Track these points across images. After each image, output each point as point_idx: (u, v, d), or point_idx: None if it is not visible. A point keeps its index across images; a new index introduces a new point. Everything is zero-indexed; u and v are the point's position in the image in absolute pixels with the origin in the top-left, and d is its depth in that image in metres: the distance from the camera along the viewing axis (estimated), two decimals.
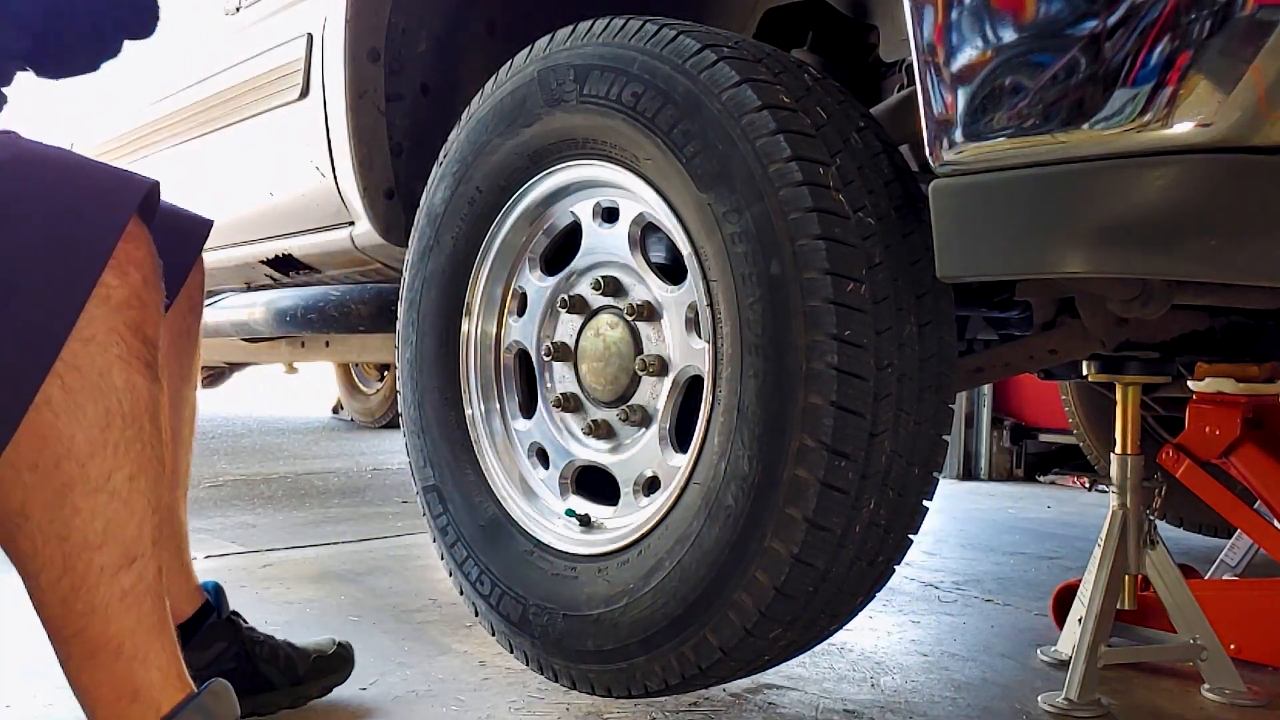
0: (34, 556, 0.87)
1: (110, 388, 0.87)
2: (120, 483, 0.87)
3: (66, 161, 0.93)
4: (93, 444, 0.86)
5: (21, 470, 0.85)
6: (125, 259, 0.89)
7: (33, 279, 0.85)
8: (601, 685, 1.42)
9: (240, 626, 1.49)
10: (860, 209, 1.22)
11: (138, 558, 0.88)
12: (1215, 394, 1.98)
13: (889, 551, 1.31)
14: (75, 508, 0.85)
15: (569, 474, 1.57)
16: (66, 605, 0.87)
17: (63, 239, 0.86)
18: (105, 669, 0.88)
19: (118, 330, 0.88)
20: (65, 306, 0.85)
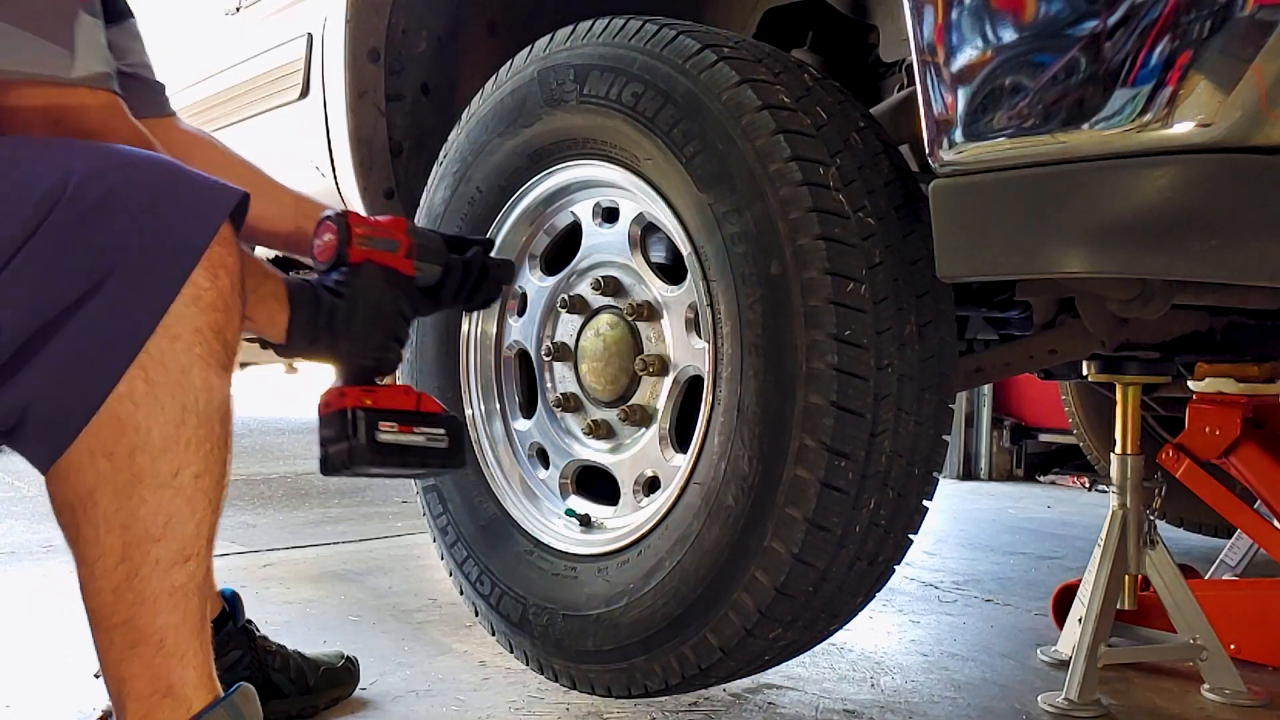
0: (95, 543, 0.88)
1: (189, 385, 0.89)
2: (187, 480, 0.89)
3: (167, 163, 0.95)
4: (167, 439, 0.88)
5: (97, 457, 0.87)
6: (217, 262, 0.91)
7: (128, 269, 0.87)
8: (601, 685, 1.42)
9: (254, 635, 1.52)
10: (860, 209, 1.22)
11: (192, 556, 0.90)
12: (1215, 394, 1.98)
13: (889, 551, 1.31)
14: (142, 499, 0.87)
15: (569, 474, 1.57)
16: (118, 594, 0.89)
17: (160, 234, 0.88)
18: (144, 662, 0.89)
19: (202, 331, 0.90)
20: (155, 299, 0.88)
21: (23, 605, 2.14)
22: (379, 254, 1.21)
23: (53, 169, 0.88)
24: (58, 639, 1.81)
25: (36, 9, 0.98)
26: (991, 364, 1.80)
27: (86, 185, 0.87)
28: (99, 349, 0.86)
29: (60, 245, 0.86)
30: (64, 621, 1.96)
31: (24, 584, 2.37)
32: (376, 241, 1.21)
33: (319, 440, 1.20)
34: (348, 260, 1.19)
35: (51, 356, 0.86)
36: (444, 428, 1.23)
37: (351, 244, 1.19)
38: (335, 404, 1.18)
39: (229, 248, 0.93)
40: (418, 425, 1.21)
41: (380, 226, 1.23)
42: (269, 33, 2.22)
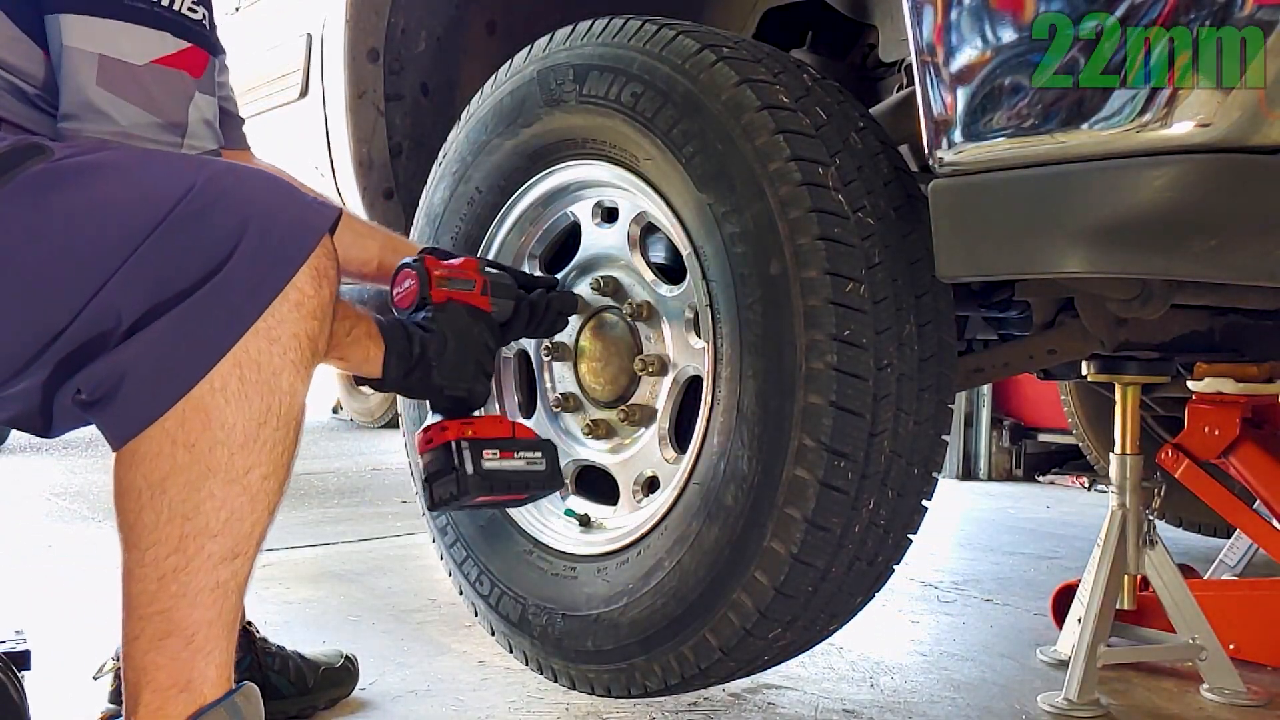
0: (153, 529, 0.90)
1: (278, 388, 0.92)
2: (255, 479, 0.92)
3: (278, 179, 1.01)
4: (248, 436, 0.90)
5: (178, 446, 0.89)
6: (322, 272, 0.95)
7: (237, 267, 0.90)
8: (601, 685, 1.42)
9: (254, 636, 1.53)
10: (860, 209, 1.22)
11: (240, 555, 0.92)
12: (1215, 394, 1.98)
13: (888, 551, 1.31)
14: (210, 493, 0.89)
15: (568, 474, 1.57)
16: (162, 583, 0.90)
17: (268, 238, 0.92)
18: (171, 654, 0.91)
19: (299, 336, 0.93)
20: (258, 298, 0.91)
21: (23, 605, 2.14)
22: (459, 293, 1.28)
23: (182, 172, 0.94)
24: (58, 639, 1.81)
25: (158, 93, 1.04)
26: (991, 364, 1.80)
27: (208, 186, 0.92)
28: (196, 338, 0.89)
29: (178, 238, 0.90)
30: (64, 622, 1.96)
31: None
32: (455, 282, 1.28)
33: (424, 477, 1.26)
34: (430, 301, 1.26)
35: (152, 336, 0.89)
36: (540, 450, 1.29)
37: (433, 286, 1.26)
38: (438, 438, 1.24)
39: (331, 260, 0.97)
40: (517, 451, 1.27)
41: (455, 267, 1.29)
42: (268, 33, 2.22)
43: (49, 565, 2.52)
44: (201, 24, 1.06)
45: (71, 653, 1.69)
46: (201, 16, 1.06)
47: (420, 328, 1.24)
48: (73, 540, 2.87)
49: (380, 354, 1.19)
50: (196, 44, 1.06)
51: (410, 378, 1.22)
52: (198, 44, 1.06)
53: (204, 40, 1.07)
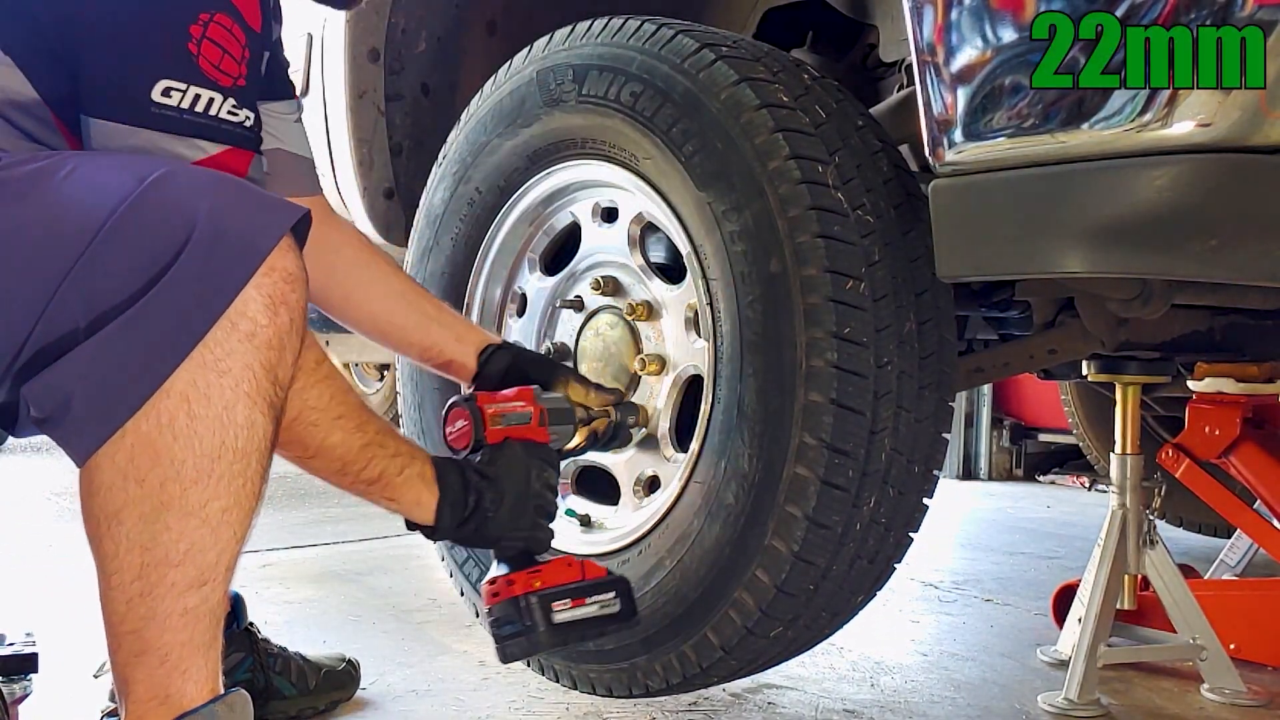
0: (114, 557, 0.89)
1: (230, 422, 0.88)
2: (214, 512, 0.89)
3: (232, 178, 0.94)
4: (200, 472, 0.87)
5: (129, 481, 0.86)
6: (279, 299, 0.90)
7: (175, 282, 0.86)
8: (602, 685, 1.42)
9: (256, 637, 1.53)
10: (859, 207, 1.22)
11: (208, 582, 0.90)
12: (1215, 394, 1.98)
13: (889, 549, 1.31)
14: (166, 525, 0.87)
15: (569, 474, 1.57)
16: (130, 606, 0.89)
17: (211, 249, 0.87)
18: (147, 670, 0.90)
19: (253, 368, 0.89)
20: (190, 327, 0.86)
21: (25, 605, 2.14)
22: (515, 430, 1.22)
23: (126, 172, 0.89)
24: (59, 638, 1.81)
25: None
26: (991, 363, 1.80)
27: (151, 189, 0.88)
28: (130, 365, 0.86)
29: (116, 244, 0.86)
30: (65, 621, 1.96)
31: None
32: (510, 417, 1.23)
33: (492, 631, 1.20)
34: (486, 443, 1.21)
35: (88, 356, 0.86)
36: (613, 590, 1.23)
37: (487, 426, 1.21)
38: (505, 593, 1.18)
39: (291, 283, 0.91)
40: (589, 596, 1.21)
41: (510, 400, 1.24)
42: None
43: (50, 565, 2.52)
44: (242, 125, 1.03)
45: (72, 652, 1.69)
46: (245, 118, 1.03)
47: (477, 473, 1.18)
48: (73, 540, 2.86)
49: (434, 501, 1.15)
50: (236, 145, 1.03)
51: (465, 528, 1.17)
52: (237, 145, 1.03)
53: (244, 141, 1.04)
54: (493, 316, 1.65)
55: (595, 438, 1.37)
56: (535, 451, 1.23)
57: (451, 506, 1.16)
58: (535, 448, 1.23)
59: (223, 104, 1.01)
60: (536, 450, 1.23)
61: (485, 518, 1.18)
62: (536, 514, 1.22)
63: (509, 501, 1.19)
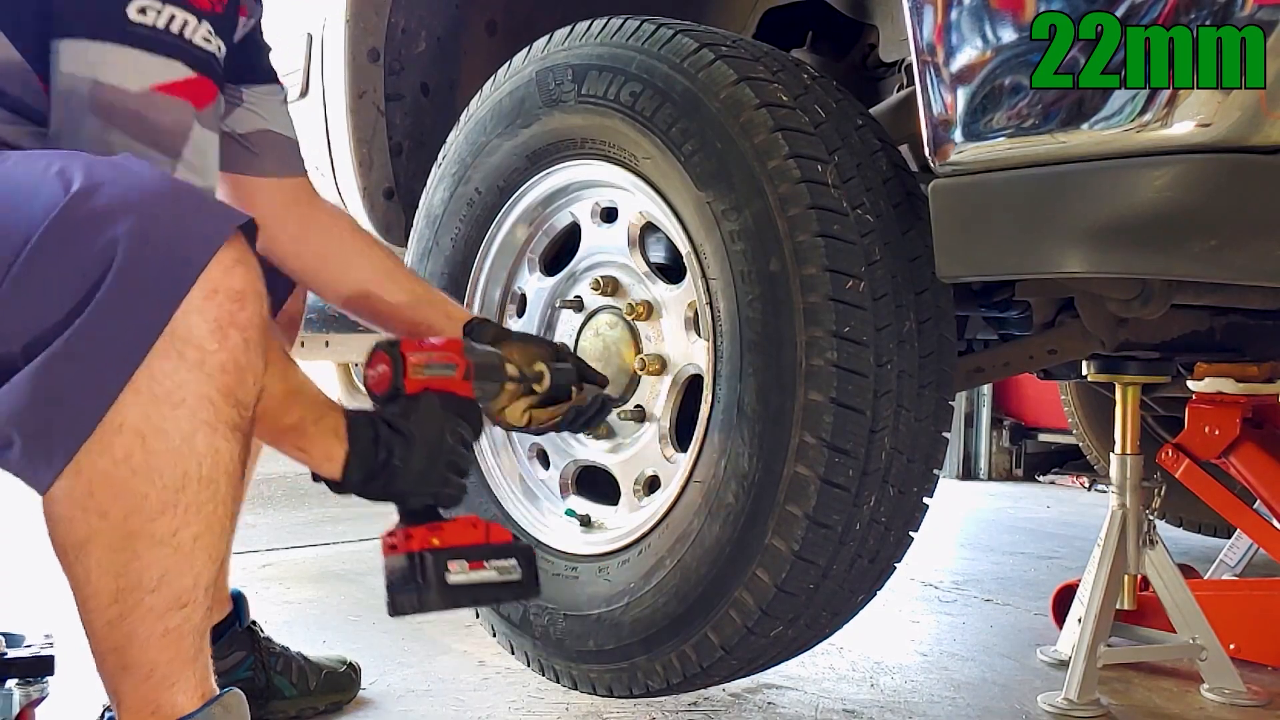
0: (87, 583, 0.87)
1: (191, 452, 0.85)
2: (185, 540, 0.86)
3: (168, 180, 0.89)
4: (164, 504, 0.85)
5: (90, 514, 0.84)
6: (227, 320, 0.86)
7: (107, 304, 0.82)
8: (603, 685, 1.42)
9: (258, 637, 1.53)
10: (859, 206, 1.22)
11: (188, 604, 0.88)
12: (1215, 394, 1.98)
13: (890, 549, 1.31)
14: (135, 554, 0.85)
15: (569, 474, 1.57)
16: (110, 628, 0.87)
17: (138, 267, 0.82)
18: (133, 684, 0.89)
19: (209, 396, 0.85)
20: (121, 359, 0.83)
21: (27, 605, 2.14)
22: (437, 380, 1.17)
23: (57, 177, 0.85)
24: (76, 641, 1.81)
25: (154, 121, 0.99)
26: (991, 364, 1.80)
27: (80, 197, 0.83)
28: (66, 397, 0.82)
29: (46, 259, 0.82)
30: (67, 621, 1.96)
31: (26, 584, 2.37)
32: (434, 367, 1.18)
33: (385, 583, 1.15)
34: (404, 391, 1.15)
35: (23, 386, 0.82)
36: (515, 557, 1.19)
37: (407, 374, 1.16)
38: (402, 546, 1.14)
39: (242, 302, 0.87)
40: (489, 559, 1.16)
41: (436, 350, 1.19)
42: (268, 33, 2.22)
43: (54, 565, 2.52)
44: (213, 56, 1.01)
45: (76, 650, 1.69)
46: (216, 48, 1.01)
47: (389, 425, 1.13)
48: None
49: (343, 454, 1.09)
50: (203, 74, 1.01)
51: (372, 484, 1.12)
52: (204, 74, 1.01)
53: (212, 71, 1.01)
54: (493, 316, 1.65)
55: (577, 415, 1.33)
56: (453, 405, 1.17)
57: (360, 460, 1.10)
58: (455, 401, 1.18)
59: (197, 28, 0.99)
60: (455, 404, 1.18)
61: (393, 472, 1.12)
62: (447, 469, 1.16)
63: (419, 457, 1.13)
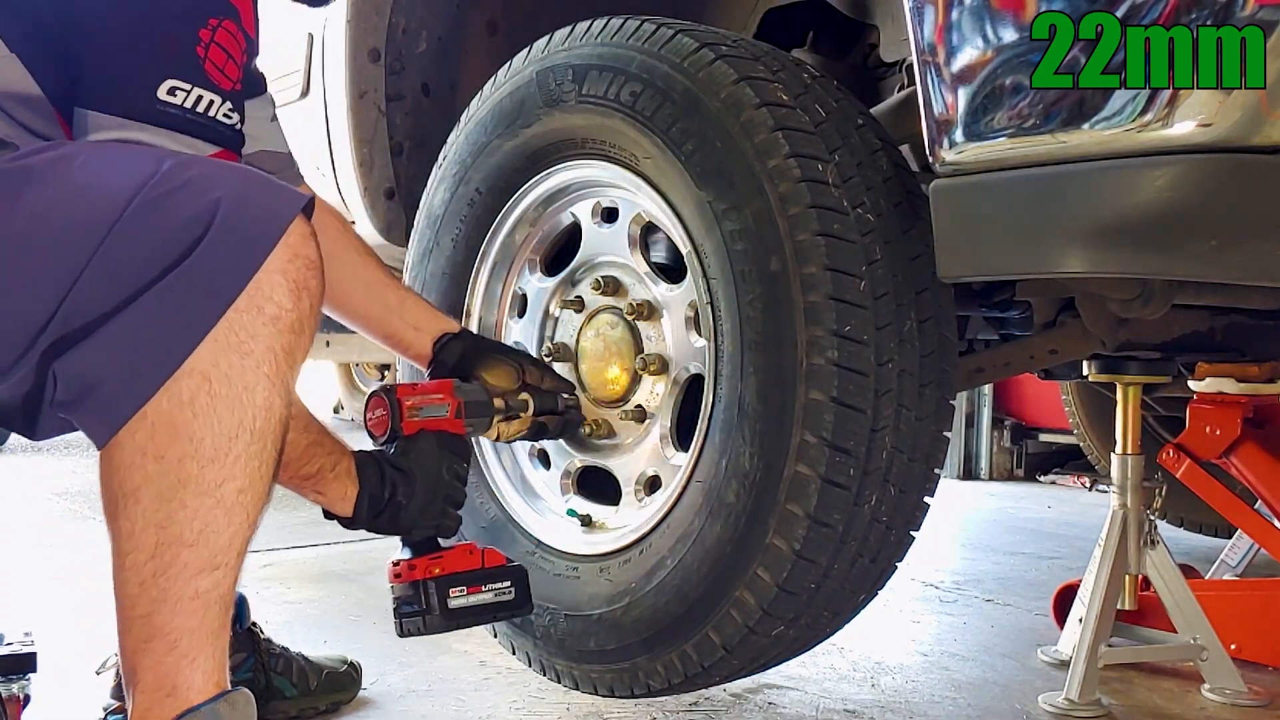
0: (130, 536, 0.90)
1: (250, 403, 0.90)
2: (230, 492, 0.90)
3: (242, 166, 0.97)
4: (218, 450, 0.89)
5: (148, 458, 0.88)
6: (303, 285, 0.92)
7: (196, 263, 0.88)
8: (604, 685, 1.42)
9: (259, 638, 1.53)
10: (859, 205, 1.22)
11: (220, 566, 0.92)
12: (1216, 394, 1.98)
13: (891, 548, 1.31)
14: (182, 503, 0.89)
15: (570, 474, 1.57)
16: (143, 588, 0.90)
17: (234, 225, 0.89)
18: (156, 658, 0.91)
19: (275, 351, 0.91)
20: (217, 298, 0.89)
21: (25, 604, 2.14)
22: (431, 421, 1.29)
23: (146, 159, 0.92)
24: (61, 637, 1.81)
25: None
26: (992, 364, 1.80)
27: (171, 172, 0.91)
28: (158, 337, 0.88)
29: (140, 225, 0.89)
30: (66, 620, 1.96)
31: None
32: (427, 409, 1.29)
33: (393, 607, 1.29)
34: (401, 434, 1.27)
35: (116, 333, 0.88)
36: (509, 579, 1.32)
37: (403, 418, 1.27)
38: (406, 575, 1.27)
39: (312, 270, 0.94)
40: (485, 583, 1.30)
41: (429, 392, 1.30)
42: (269, 33, 2.22)
43: (50, 564, 2.53)
44: (234, 128, 1.06)
45: (73, 650, 1.69)
46: (234, 121, 1.06)
47: (392, 465, 1.24)
48: (73, 540, 2.87)
49: (354, 493, 1.20)
50: (227, 147, 1.06)
51: (379, 520, 1.24)
52: (228, 147, 1.06)
53: (234, 143, 1.07)
54: (493, 317, 1.65)
55: (544, 430, 1.44)
56: (448, 444, 1.29)
57: (370, 499, 1.22)
58: (448, 439, 1.29)
59: (220, 106, 1.04)
60: (449, 442, 1.29)
61: (398, 509, 1.24)
62: (446, 503, 1.28)
63: (421, 493, 1.25)
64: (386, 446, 1.28)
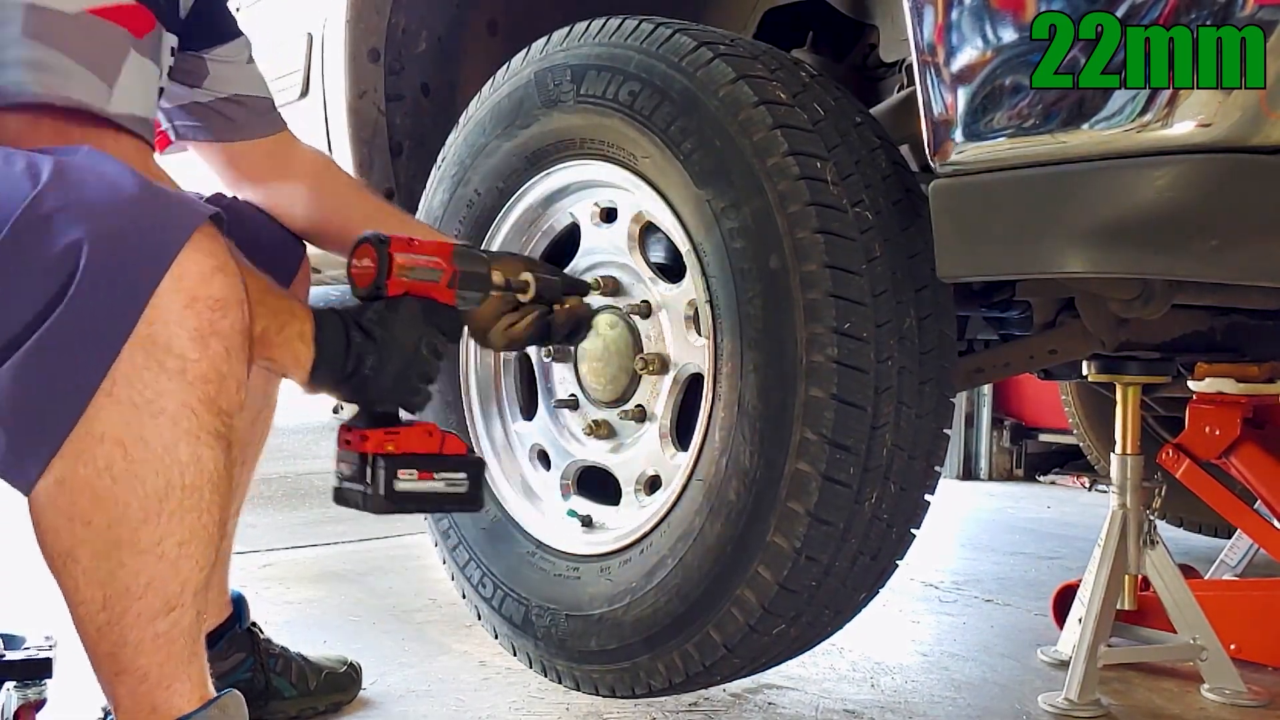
0: (76, 591, 0.87)
1: (174, 461, 0.85)
2: (170, 547, 0.87)
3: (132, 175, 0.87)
4: (147, 512, 0.85)
5: (75, 523, 0.85)
6: (208, 329, 0.86)
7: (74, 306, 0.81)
8: (605, 685, 1.42)
9: (258, 638, 1.53)
10: (858, 203, 1.22)
11: (177, 608, 0.89)
12: (1215, 394, 1.98)
13: (892, 546, 1.31)
14: (120, 562, 0.85)
15: (570, 475, 1.57)
16: (101, 634, 0.88)
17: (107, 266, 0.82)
18: (129, 688, 0.89)
19: (190, 405, 0.86)
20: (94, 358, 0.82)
21: (24, 605, 2.14)
22: (419, 285, 1.16)
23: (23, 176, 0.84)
24: (71, 643, 1.81)
25: (89, 43, 1.00)
26: (991, 364, 1.80)
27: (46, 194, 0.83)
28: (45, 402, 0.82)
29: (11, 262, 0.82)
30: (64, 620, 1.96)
31: None
32: (418, 271, 1.16)
33: (335, 472, 1.18)
34: (385, 293, 1.14)
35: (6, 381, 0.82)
36: (464, 471, 1.19)
37: (391, 275, 1.14)
38: (356, 445, 1.15)
39: (223, 309, 0.87)
40: (438, 471, 1.17)
41: (425, 251, 1.17)
42: (269, 33, 2.22)
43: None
44: None
45: (73, 650, 1.69)
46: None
47: (362, 329, 1.11)
48: None
49: (310, 359, 1.07)
50: (141, 2, 1.00)
51: (340, 388, 1.11)
52: (142, 2, 1.00)
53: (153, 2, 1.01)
54: None
55: (548, 330, 1.31)
56: (433, 315, 1.16)
57: (329, 366, 1.08)
58: (434, 310, 1.16)
59: None
60: (434, 313, 1.16)
61: (364, 379, 1.10)
62: (418, 380, 1.15)
63: (391, 367, 1.11)
64: (364, 304, 1.15)
